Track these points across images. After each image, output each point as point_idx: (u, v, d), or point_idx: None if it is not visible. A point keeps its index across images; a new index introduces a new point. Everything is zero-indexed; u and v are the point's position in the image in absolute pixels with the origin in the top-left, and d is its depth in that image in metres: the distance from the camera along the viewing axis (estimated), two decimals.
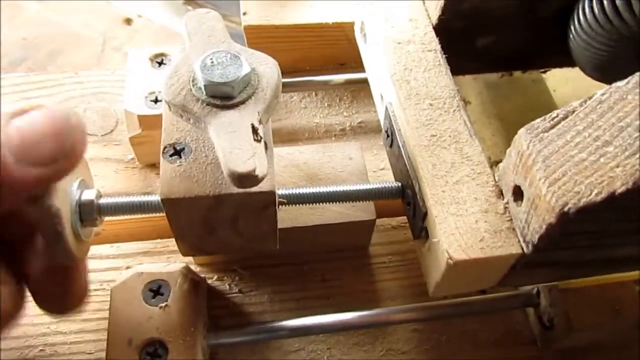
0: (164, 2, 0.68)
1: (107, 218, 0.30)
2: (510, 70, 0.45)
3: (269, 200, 0.29)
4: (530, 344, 0.37)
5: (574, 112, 0.25)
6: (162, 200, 0.28)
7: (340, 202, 0.32)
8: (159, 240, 0.39)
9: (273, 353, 0.36)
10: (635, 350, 0.37)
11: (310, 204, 0.33)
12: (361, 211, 0.36)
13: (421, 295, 0.38)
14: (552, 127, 0.25)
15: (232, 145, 0.25)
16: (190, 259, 0.38)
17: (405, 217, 0.41)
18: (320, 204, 0.32)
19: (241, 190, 0.27)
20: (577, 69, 0.37)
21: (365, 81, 0.40)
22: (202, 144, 0.29)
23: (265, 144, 0.27)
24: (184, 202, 0.28)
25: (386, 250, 0.40)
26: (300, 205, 0.32)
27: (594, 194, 0.23)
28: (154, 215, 0.30)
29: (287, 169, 0.37)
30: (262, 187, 0.27)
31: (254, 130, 0.26)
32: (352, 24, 0.41)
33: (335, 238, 0.38)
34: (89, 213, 0.28)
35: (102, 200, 0.29)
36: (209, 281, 0.38)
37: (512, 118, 0.44)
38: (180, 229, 0.30)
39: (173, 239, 0.36)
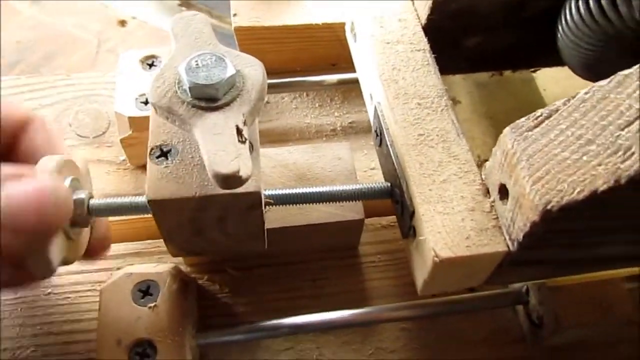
0: (158, 3, 0.68)
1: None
2: (500, 69, 0.45)
3: (255, 201, 0.29)
4: (519, 341, 0.37)
5: (557, 110, 0.25)
6: (148, 201, 0.28)
7: (329, 202, 0.32)
8: (150, 241, 0.39)
9: (263, 352, 0.36)
10: (623, 348, 0.37)
11: (299, 204, 0.33)
12: (349, 211, 0.36)
13: (410, 294, 0.38)
14: (536, 126, 0.25)
15: (216, 146, 0.25)
16: (180, 259, 0.38)
17: (394, 216, 0.41)
18: (309, 204, 0.32)
19: (227, 191, 0.27)
20: (567, 68, 0.37)
21: (356, 81, 0.40)
22: (189, 145, 0.29)
23: (251, 145, 0.27)
24: (171, 203, 0.28)
25: (375, 249, 0.40)
26: (289, 205, 0.32)
27: (576, 192, 0.23)
28: (144, 216, 0.30)
29: (276, 170, 0.38)
30: (247, 187, 0.27)
31: (239, 132, 0.26)
32: (342, 25, 0.41)
33: (324, 238, 0.38)
34: (79, 214, 0.28)
35: (93, 202, 0.29)
36: (200, 281, 0.38)
37: (502, 117, 0.44)
38: (168, 230, 0.30)
39: None
